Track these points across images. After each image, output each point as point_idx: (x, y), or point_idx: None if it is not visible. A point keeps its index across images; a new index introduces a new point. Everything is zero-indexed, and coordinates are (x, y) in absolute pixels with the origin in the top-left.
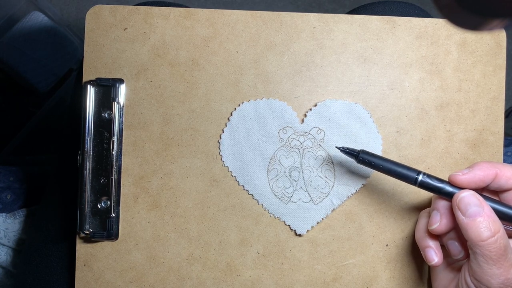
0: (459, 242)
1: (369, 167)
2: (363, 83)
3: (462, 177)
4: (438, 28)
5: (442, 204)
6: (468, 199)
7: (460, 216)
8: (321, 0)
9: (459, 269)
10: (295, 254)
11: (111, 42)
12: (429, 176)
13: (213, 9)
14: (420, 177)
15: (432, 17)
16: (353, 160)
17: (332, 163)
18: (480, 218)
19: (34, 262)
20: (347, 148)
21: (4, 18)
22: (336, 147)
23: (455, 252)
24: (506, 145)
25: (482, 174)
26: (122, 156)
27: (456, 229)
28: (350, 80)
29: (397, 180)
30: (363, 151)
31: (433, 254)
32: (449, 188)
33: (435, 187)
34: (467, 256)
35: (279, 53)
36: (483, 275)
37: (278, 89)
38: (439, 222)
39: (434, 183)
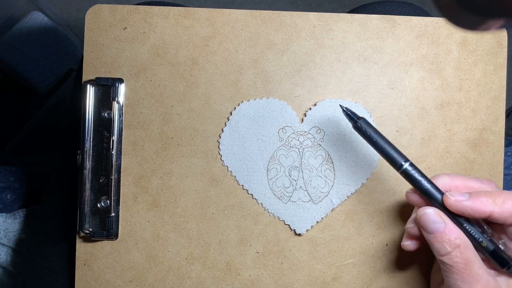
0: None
1: (363, 137)
2: (363, 83)
3: (454, 203)
4: (438, 27)
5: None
6: (427, 217)
7: (424, 232)
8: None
9: None
10: (294, 254)
11: (110, 42)
12: (415, 168)
13: (213, 9)
14: (406, 165)
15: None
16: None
17: (332, 162)
18: (438, 234)
19: (34, 262)
20: (350, 110)
21: (4, 18)
22: (340, 105)
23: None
24: (506, 145)
25: (474, 208)
26: (122, 156)
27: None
28: (350, 79)
29: (397, 179)
30: (364, 119)
31: (406, 238)
32: (428, 186)
33: (415, 180)
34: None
35: (279, 52)
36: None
37: (277, 88)
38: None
39: (416, 176)
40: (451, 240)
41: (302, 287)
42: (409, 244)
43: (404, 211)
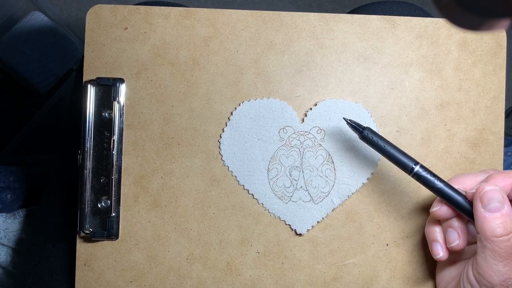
0: (457, 232)
1: (370, 145)
2: (363, 83)
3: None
4: (438, 27)
5: (457, 224)
6: (492, 194)
7: (480, 208)
8: (321, 0)
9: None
10: (295, 254)
11: (111, 42)
12: (426, 169)
13: (213, 9)
14: (417, 168)
15: (432, 17)
16: (354, 143)
17: (332, 162)
18: (498, 214)
19: (34, 262)
20: (354, 122)
21: (4, 18)
22: (344, 118)
23: (451, 239)
24: (506, 145)
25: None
26: (123, 156)
27: (459, 218)
28: (350, 79)
29: (398, 179)
30: (369, 129)
31: (439, 249)
32: (441, 185)
33: (428, 181)
34: (463, 246)
35: (280, 52)
36: (488, 270)
37: (278, 88)
38: (459, 241)
39: (428, 176)
40: (508, 222)
41: (303, 287)
42: (435, 230)
43: (404, 211)
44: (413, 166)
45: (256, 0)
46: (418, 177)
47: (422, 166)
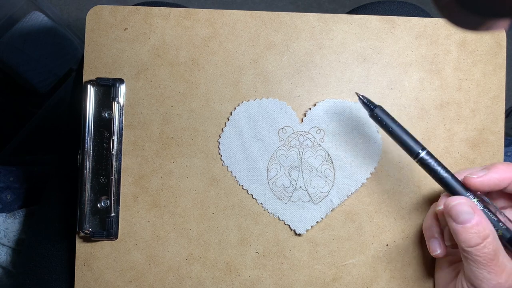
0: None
1: (379, 124)
2: (363, 83)
3: (477, 180)
4: (438, 27)
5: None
6: (460, 208)
7: (451, 222)
8: (321, 0)
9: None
10: (294, 254)
11: (111, 42)
12: (432, 157)
13: (213, 9)
14: (423, 154)
15: (432, 17)
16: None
17: (332, 162)
18: (469, 225)
19: (34, 262)
20: (366, 98)
21: (4, 18)
22: (356, 93)
23: (449, 236)
24: (506, 145)
25: (497, 177)
26: (122, 156)
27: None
28: (349, 79)
29: (397, 179)
30: (380, 107)
31: (437, 246)
32: (445, 174)
33: (431, 169)
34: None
35: (279, 53)
36: (475, 279)
37: (277, 88)
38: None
39: (433, 163)
40: (480, 231)
41: (302, 287)
42: (433, 227)
43: (404, 211)
44: (419, 151)
45: (255, 0)
46: (422, 164)
47: (428, 153)
